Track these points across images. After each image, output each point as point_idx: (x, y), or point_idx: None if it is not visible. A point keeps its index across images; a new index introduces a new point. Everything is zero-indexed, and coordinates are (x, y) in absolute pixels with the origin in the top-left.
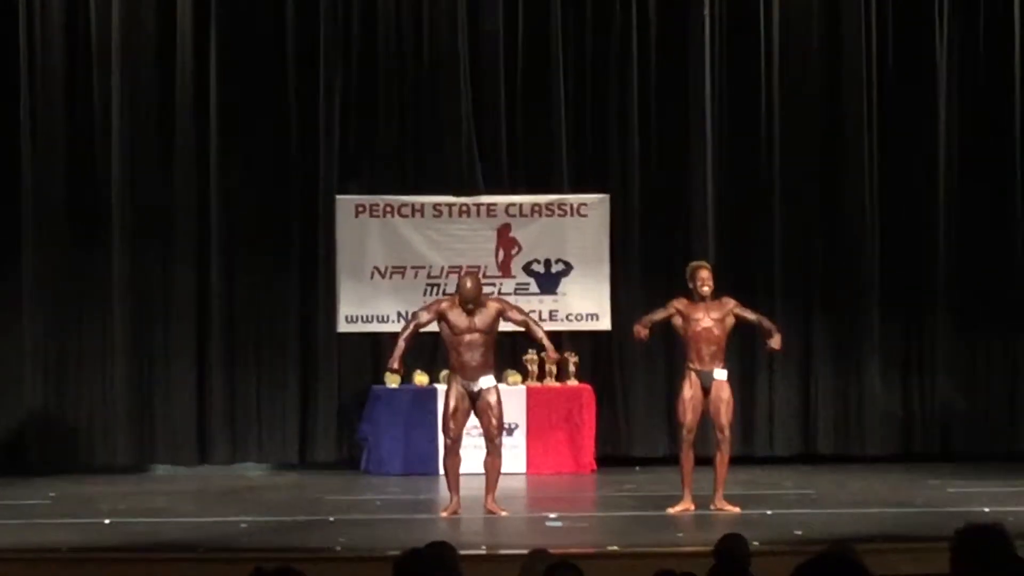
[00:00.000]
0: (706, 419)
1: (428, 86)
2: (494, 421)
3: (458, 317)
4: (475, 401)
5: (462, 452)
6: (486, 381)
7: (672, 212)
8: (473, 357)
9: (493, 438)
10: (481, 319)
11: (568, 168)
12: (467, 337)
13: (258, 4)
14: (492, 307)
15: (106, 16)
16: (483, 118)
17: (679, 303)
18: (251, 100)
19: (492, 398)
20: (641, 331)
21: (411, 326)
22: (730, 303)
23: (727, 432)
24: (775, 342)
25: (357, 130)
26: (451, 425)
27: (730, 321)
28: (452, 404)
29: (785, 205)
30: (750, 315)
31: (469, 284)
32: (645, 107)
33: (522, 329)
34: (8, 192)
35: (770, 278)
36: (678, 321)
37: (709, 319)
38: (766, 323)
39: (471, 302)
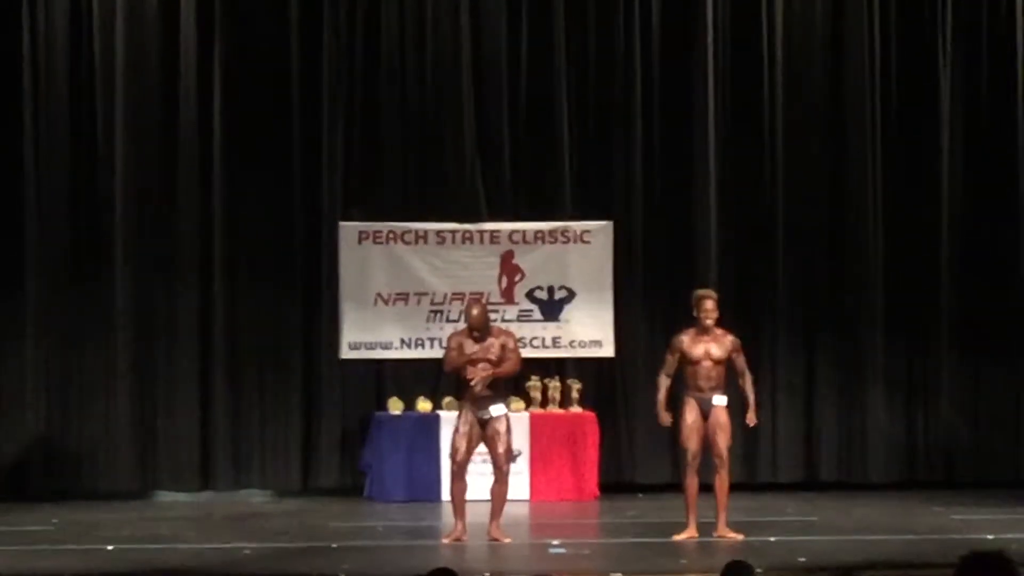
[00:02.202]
0: (709, 445)
1: (431, 113)
2: (502, 449)
3: (469, 346)
4: (484, 428)
5: (467, 479)
6: (496, 409)
7: (675, 239)
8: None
9: (501, 466)
10: (491, 348)
11: (571, 195)
12: (478, 366)
13: (262, 32)
14: (501, 337)
15: (109, 45)
16: (486, 145)
17: (679, 343)
18: (254, 127)
19: (501, 426)
20: (665, 418)
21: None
22: (731, 344)
23: (725, 458)
24: (750, 419)
25: (360, 157)
26: (460, 449)
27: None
28: (462, 429)
29: (788, 231)
30: (741, 366)
31: (475, 311)
32: (648, 134)
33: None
34: (11, 217)
35: (773, 304)
36: (681, 358)
37: (711, 348)
38: (748, 392)
39: (478, 329)
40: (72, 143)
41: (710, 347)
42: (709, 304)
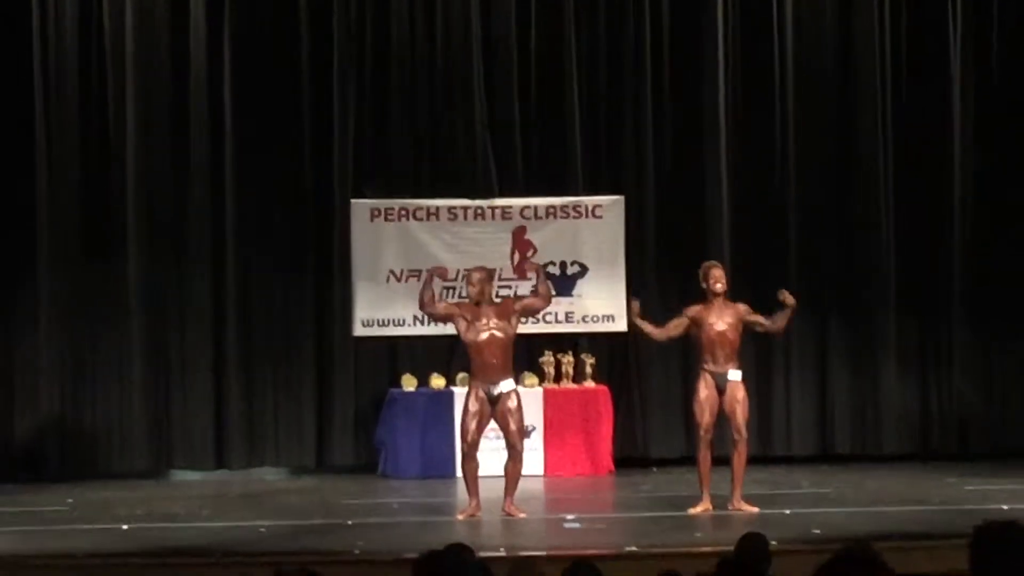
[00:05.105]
0: (722, 419)
1: (442, 89)
2: (514, 426)
3: (474, 312)
4: (494, 405)
5: (480, 455)
6: (506, 385)
7: (687, 213)
8: (493, 355)
9: (515, 444)
10: (497, 312)
11: (583, 170)
12: (485, 334)
13: (272, 10)
14: (506, 304)
15: (119, 27)
16: (497, 120)
17: (691, 312)
18: (265, 106)
19: (512, 403)
20: (636, 306)
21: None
22: (742, 309)
23: (744, 432)
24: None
25: (371, 134)
26: (470, 430)
27: (742, 326)
28: (471, 409)
29: (800, 205)
30: (760, 320)
31: (476, 276)
32: (659, 108)
33: (536, 305)
34: (24, 202)
35: (785, 278)
36: (693, 328)
37: (723, 323)
38: (778, 318)
39: (480, 288)
40: (82, 128)
41: (723, 315)
42: (717, 272)
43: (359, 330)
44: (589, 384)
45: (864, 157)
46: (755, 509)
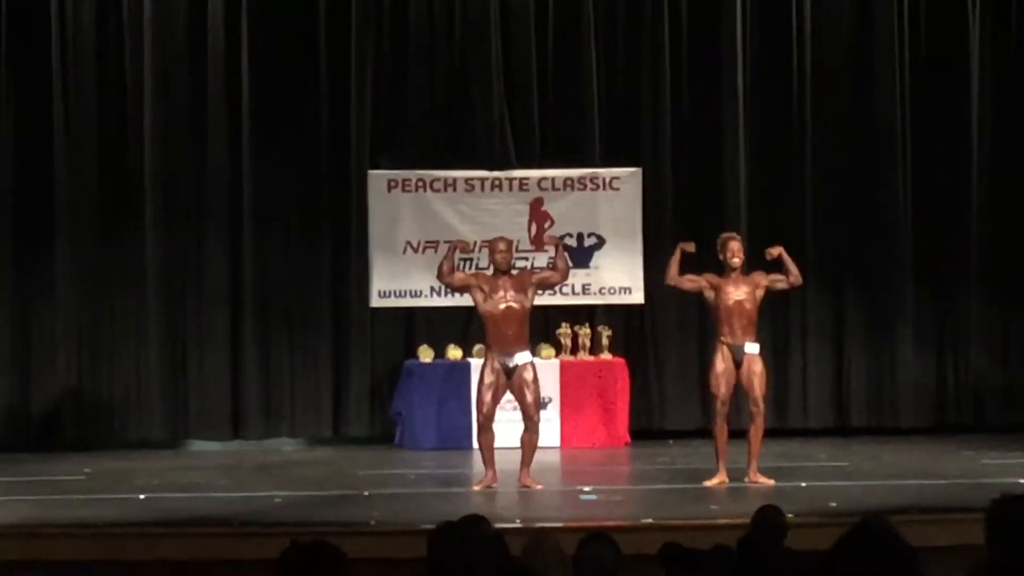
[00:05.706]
0: (739, 392)
1: (460, 60)
2: (531, 399)
3: (491, 283)
4: (511, 377)
5: (496, 427)
6: (522, 357)
7: (704, 185)
8: (510, 327)
9: (531, 416)
10: (514, 284)
11: (600, 141)
12: (502, 306)
13: None
14: (523, 276)
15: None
16: (515, 92)
17: (710, 276)
18: (282, 77)
19: (528, 375)
20: (690, 245)
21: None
22: (760, 277)
23: (761, 405)
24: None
25: (389, 105)
26: (485, 401)
27: (760, 294)
28: (487, 380)
29: (818, 177)
30: (779, 277)
31: (502, 246)
32: (677, 80)
33: (552, 279)
34: (43, 171)
35: (803, 250)
36: (710, 295)
37: (740, 292)
38: (787, 269)
39: (507, 255)
40: (100, 97)
41: (740, 286)
42: (734, 245)
43: (376, 301)
44: (606, 356)
45: (882, 129)
46: (771, 482)
